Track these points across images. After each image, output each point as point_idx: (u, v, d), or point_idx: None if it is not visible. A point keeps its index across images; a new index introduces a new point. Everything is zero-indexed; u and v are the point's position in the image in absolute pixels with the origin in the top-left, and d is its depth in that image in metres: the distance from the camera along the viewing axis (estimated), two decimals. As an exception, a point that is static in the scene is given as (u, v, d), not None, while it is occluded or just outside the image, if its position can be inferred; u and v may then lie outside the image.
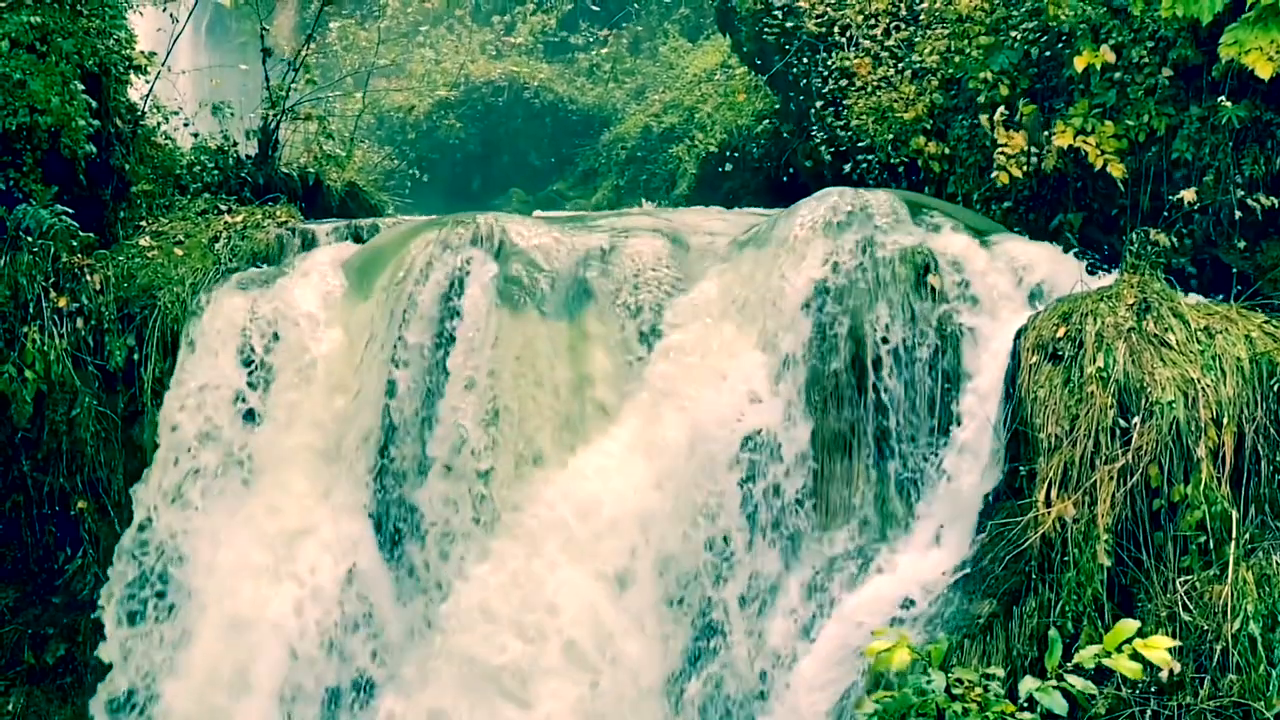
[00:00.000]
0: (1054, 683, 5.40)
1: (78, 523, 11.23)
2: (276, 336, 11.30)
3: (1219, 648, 8.22)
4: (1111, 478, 8.68)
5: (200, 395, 11.23)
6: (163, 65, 13.62)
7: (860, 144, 13.68)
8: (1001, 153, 11.37)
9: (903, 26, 13.71)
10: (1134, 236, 9.95)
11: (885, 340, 10.09)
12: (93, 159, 11.77)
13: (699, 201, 18.11)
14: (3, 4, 10.77)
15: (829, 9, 14.87)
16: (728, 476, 10.09)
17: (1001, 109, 11.57)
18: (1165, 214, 10.58)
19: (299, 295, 11.44)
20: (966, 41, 12.18)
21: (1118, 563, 8.70)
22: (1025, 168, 11.37)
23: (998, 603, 8.98)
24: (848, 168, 13.89)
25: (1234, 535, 8.43)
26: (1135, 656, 5.22)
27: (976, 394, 9.79)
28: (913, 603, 9.46)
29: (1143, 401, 8.77)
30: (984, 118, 11.71)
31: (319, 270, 11.72)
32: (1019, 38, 11.77)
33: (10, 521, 11.27)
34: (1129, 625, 5.30)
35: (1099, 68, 10.67)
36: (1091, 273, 10.48)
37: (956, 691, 5.73)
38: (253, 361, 11.26)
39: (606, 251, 11.16)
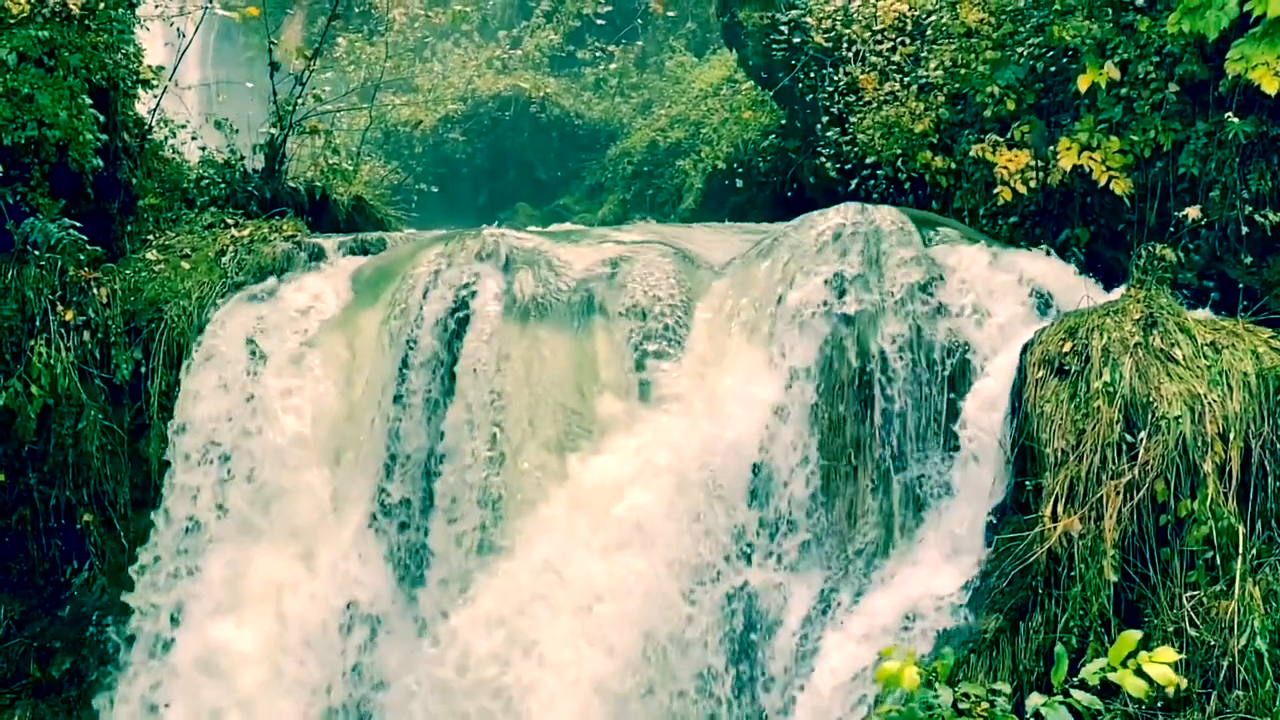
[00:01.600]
0: (1060, 698, 5.38)
1: (84, 536, 11.23)
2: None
3: (1225, 663, 8.20)
4: (1118, 493, 8.66)
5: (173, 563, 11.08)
6: (170, 79, 13.65)
7: (867, 159, 13.67)
8: (1003, 169, 11.38)
9: (909, 42, 13.71)
10: (1140, 252, 9.95)
11: (891, 355, 10.08)
12: (100, 173, 11.80)
13: (705, 216, 18.10)
14: (11, 19, 10.80)
15: (836, 24, 14.88)
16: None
17: (994, 136, 11.60)
18: (1172, 230, 10.58)
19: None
20: (973, 56, 12.20)
21: (1124, 578, 8.68)
22: (1030, 183, 11.39)
23: (1004, 618, 8.96)
24: (854, 183, 13.88)
25: (1241, 550, 8.41)
26: (1141, 673, 5.20)
27: (983, 409, 9.77)
28: (920, 618, 9.44)
29: (1149, 416, 8.75)
30: (977, 146, 11.73)
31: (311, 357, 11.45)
32: (1025, 53, 11.78)
33: (16, 534, 11.27)
34: (1133, 636, 5.26)
35: (1104, 85, 10.70)
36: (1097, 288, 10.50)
37: (963, 707, 5.71)
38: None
39: (613, 267, 11.18)
